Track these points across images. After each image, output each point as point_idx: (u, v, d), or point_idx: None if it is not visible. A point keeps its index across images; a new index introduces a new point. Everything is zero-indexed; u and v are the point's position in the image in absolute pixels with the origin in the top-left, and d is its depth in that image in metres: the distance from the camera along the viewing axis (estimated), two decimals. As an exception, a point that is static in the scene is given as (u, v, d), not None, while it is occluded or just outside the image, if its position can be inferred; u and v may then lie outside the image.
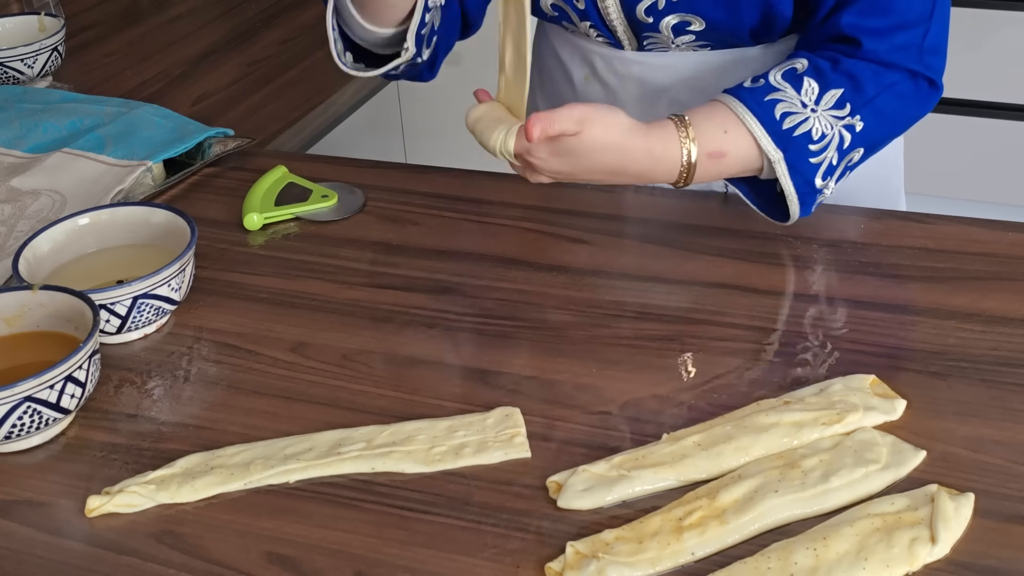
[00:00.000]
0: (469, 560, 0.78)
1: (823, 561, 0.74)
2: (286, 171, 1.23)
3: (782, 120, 0.99)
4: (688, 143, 0.99)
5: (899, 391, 0.89)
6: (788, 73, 1.01)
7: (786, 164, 1.00)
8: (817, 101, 1.00)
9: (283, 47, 1.72)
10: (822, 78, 1.00)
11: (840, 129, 1.00)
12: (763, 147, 0.99)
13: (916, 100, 1.04)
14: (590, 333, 0.98)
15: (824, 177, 1.01)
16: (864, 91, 1.01)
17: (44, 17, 1.58)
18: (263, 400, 0.94)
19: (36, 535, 0.83)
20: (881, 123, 1.02)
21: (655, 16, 1.08)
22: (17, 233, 1.16)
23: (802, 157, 1.00)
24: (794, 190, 1.01)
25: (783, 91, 1.00)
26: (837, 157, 1.01)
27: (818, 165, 1.00)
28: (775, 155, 0.99)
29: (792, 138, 0.99)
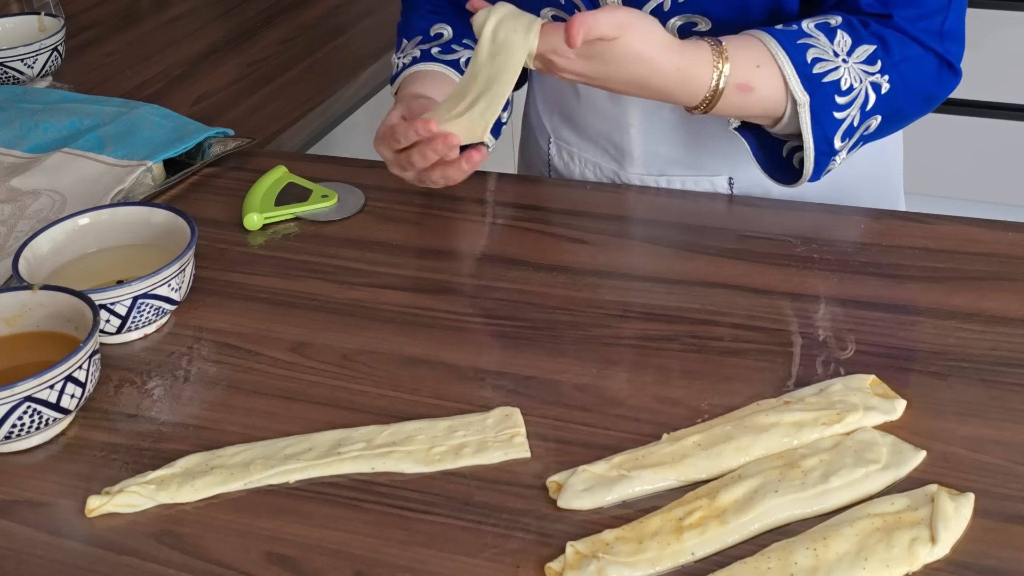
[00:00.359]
0: (469, 560, 0.78)
1: (823, 561, 0.74)
2: (286, 171, 1.23)
3: (813, 64, 0.99)
4: (721, 69, 0.98)
5: (899, 391, 0.89)
6: (822, 25, 1.01)
7: (810, 112, 0.99)
8: (849, 53, 1.00)
9: (283, 47, 1.72)
10: (855, 33, 1.01)
11: (867, 86, 1.00)
12: (791, 88, 0.98)
13: (937, 79, 1.04)
14: (590, 333, 0.98)
15: (844, 138, 1.00)
16: (892, 53, 1.01)
17: (44, 17, 1.58)
18: (263, 400, 0.94)
19: (36, 535, 0.83)
20: (904, 90, 1.02)
21: (661, 18, 1.07)
22: (17, 233, 1.16)
23: (827, 107, 0.99)
24: (812, 143, 1.00)
25: (816, 38, 1.00)
26: (859, 118, 1.00)
27: (840, 122, 1.00)
28: (802, 98, 0.98)
29: (821, 84, 0.98)
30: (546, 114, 1.31)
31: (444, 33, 1.16)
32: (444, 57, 1.14)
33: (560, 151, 1.30)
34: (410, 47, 1.17)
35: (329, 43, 1.73)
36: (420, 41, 1.16)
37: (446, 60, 1.14)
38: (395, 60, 1.19)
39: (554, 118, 1.30)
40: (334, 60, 1.67)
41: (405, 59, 1.16)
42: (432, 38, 1.16)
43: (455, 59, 1.14)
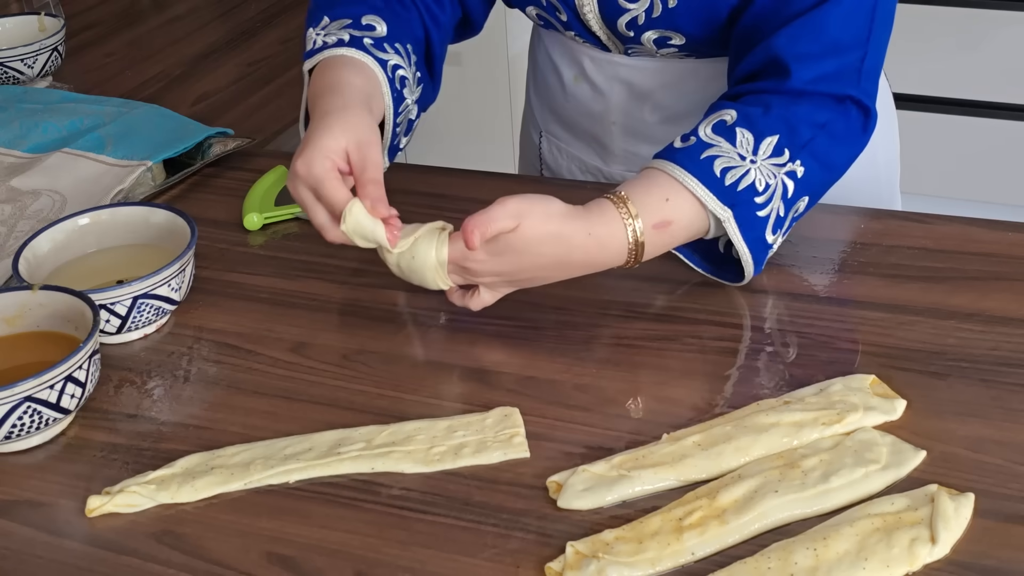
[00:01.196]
0: (469, 560, 0.78)
1: (823, 561, 0.74)
2: (286, 171, 1.23)
3: (723, 176, 0.94)
4: (631, 219, 0.93)
5: (899, 391, 0.89)
6: (718, 126, 0.96)
7: (736, 223, 0.94)
8: (755, 151, 0.95)
9: (283, 47, 1.72)
10: (754, 127, 0.95)
11: (783, 177, 0.95)
12: (709, 208, 0.93)
13: (850, 139, 1.00)
14: (590, 333, 0.98)
15: (774, 231, 0.97)
16: (799, 134, 0.96)
17: (44, 17, 1.58)
18: (263, 400, 0.94)
19: (36, 535, 0.83)
20: (820, 167, 0.98)
21: (636, 31, 1.09)
22: (17, 233, 1.16)
23: (750, 212, 0.95)
24: (747, 248, 0.96)
25: (718, 146, 0.95)
26: (783, 208, 0.96)
27: (767, 219, 0.96)
28: (724, 213, 0.94)
29: (737, 193, 0.94)
30: (539, 110, 1.32)
31: (377, 27, 1.07)
32: (377, 53, 1.05)
33: (550, 145, 1.32)
34: (335, 28, 1.06)
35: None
36: (349, 25, 1.06)
37: (378, 57, 1.04)
38: (313, 35, 1.07)
39: (545, 113, 1.31)
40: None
41: (328, 38, 1.05)
42: (363, 27, 1.07)
43: (385, 59, 1.05)
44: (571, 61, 1.22)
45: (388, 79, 1.05)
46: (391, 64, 1.06)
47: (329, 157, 0.93)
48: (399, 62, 1.07)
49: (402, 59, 1.07)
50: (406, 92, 1.08)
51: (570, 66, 1.22)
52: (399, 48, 1.08)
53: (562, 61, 1.23)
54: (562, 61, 1.23)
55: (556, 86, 1.26)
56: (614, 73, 1.18)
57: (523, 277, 0.94)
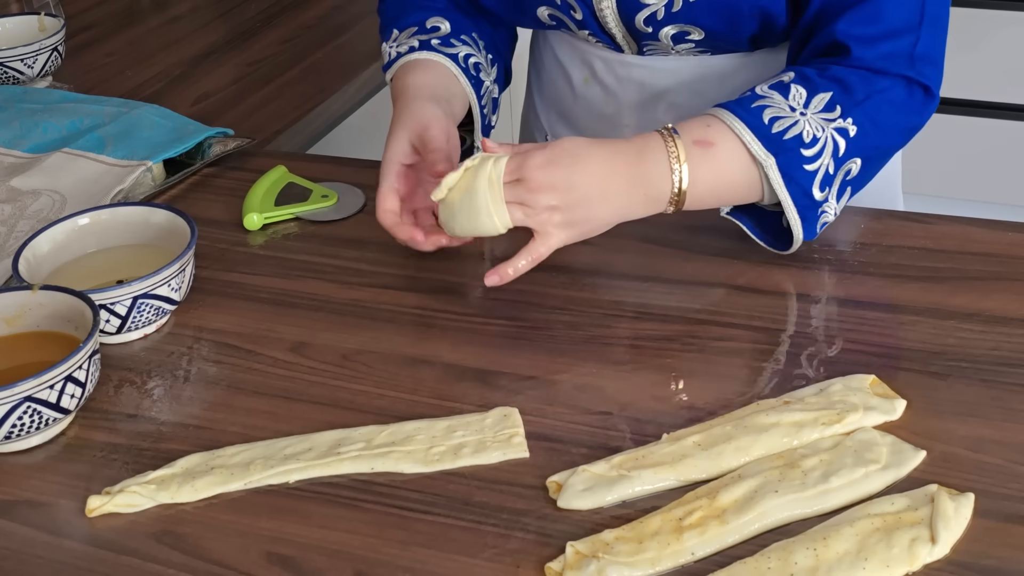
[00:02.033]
0: (469, 560, 0.78)
1: (823, 561, 0.74)
2: (286, 171, 1.23)
3: (771, 124, 0.97)
4: (668, 131, 0.97)
5: (899, 391, 0.89)
6: (775, 84, 1.00)
7: (779, 171, 0.97)
8: (806, 104, 0.98)
9: (283, 47, 1.72)
10: (809, 83, 0.99)
11: (832, 132, 0.98)
12: (753, 151, 0.96)
13: (910, 108, 1.02)
14: (590, 333, 0.98)
15: (822, 187, 0.98)
16: (854, 94, 0.99)
17: (44, 17, 1.58)
18: (263, 400, 0.94)
19: (36, 535, 0.83)
20: (875, 129, 0.99)
21: (654, 26, 1.08)
22: (17, 233, 1.16)
23: (795, 163, 0.97)
24: (791, 201, 0.97)
25: (770, 98, 0.98)
26: (833, 165, 0.98)
27: (814, 173, 0.97)
28: (766, 159, 0.96)
29: (782, 141, 0.97)
30: (543, 112, 1.32)
31: (441, 27, 1.15)
32: (445, 50, 1.13)
33: None
34: (404, 37, 1.15)
35: (329, 43, 1.73)
36: (416, 32, 1.15)
37: (447, 53, 1.13)
38: (387, 48, 1.16)
39: (551, 116, 1.30)
40: (334, 60, 1.67)
41: (401, 48, 1.14)
42: (429, 30, 1.15)
43: (455, 53, 1.13)
44: (581, 63, 1.21)
45: (462, 68, 1.12)
46: (461, 55, 1.13)
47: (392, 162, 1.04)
48: (469, 51, 1.14)
49: (471, 47, 1.15)
50: (482, 76, 1.14)
51: (580, 68, 1.22)
52: (466, 39, 1.15)
53: (571, 63, 1.23)
54: (571, 63, 1.23)
55: (564, 88, 1.25)
56: (627, 74, 1.17)
57: (576, 196, 0.94)
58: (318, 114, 1.53)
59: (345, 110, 1.60)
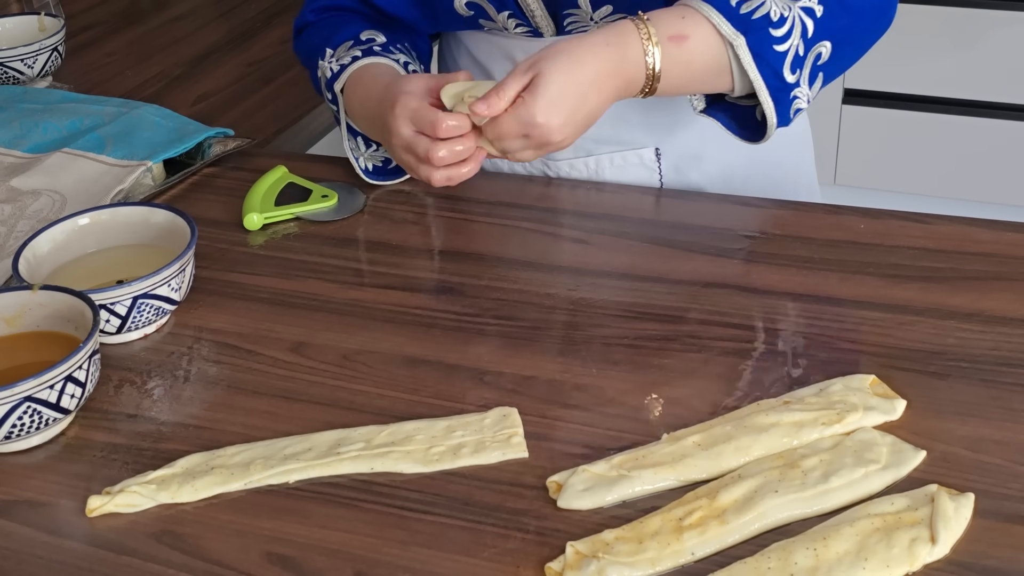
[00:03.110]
0: (469, 560, 0.78)
1: (823, 561, 0.74)
2: (286, 171, 1.23)
3: (738, 6, 0.98)
4: (645, 25, 0.98)
5: (899, 391, 0.89)
6: None
7: (749, 50, 0.98)
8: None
9: (283, 47, 1.72)
10: None
11: (799, 12, 0.99)
12: (723, 32, 0.98)
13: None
14: (590, 333, 0.98)
15: (793, 69, 0.99)
16: None
17: (44, 17, 1.58)
18: (263, 400, 0.94)
19: (36, 535, 0.83)
20: (842, 9, 1.00)
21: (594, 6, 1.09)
22: (17, 233, 1.16)
23: (765, 42, 0.98)
24: (762, 80, 0.99)
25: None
26: (803, 47, 0.99)
27: (784, 54, 0.98)
28: (735, 38, 0.98)
29: (751, 20, 0.98)
30: None
31: (376, 38, 1.15)
32: (388, 56, 1.13)
33: None
34: (342, 51, 1.15)
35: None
36: (353, 44, 1.14)
37: (392, 58, 1.13)
38: (325, 65, 1.16)
39: None
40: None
41: (343, 60, 1.14)
42: (365, 42, 1.15)
43: (396, 59, 1.13)
44: (502, 56, 1.21)
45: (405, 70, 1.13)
46: (402, 62, 1.14)
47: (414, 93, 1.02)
48: (407, 59, 1.15)
49: (408, 56, 1.16)
50: None
51: (501, 62, 1.21)
52: (402, 47, 1.16)
53: (490, 60, 1.22)
54: (490, 60, 1.22)
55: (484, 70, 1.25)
56: None
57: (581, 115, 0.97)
58: (318, 114, 1.53)
59: (345, 110, 1.60)
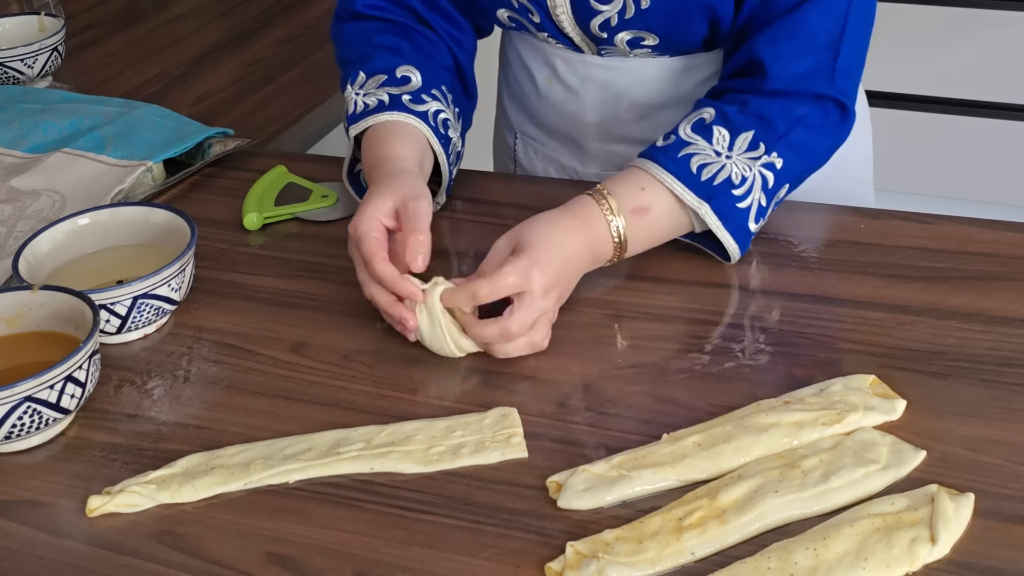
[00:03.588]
0: (469, 560, 0.78)
1: (823, 561, 0.74)
2: (286, 171, 1.23)
3: (699, 172, 0.99)
4: (607, 201, 0.98)
5: (899, 391, 0.89)
6: (697, 125, 1.01)
7: (715, 214, 1.00)
8: (730, 147, 1.00)
9: (283, 47, 1.72)
10: (730, 124, 1.01)
11: (759, 170, 1.00)
12: (686, 202, 0.99)
13: (828, 130, 1.04)
14: (590, 333, 0.98)
15: (756, 220, 1.02)
16: (775, 127, 1.01)
17: (44, 17, 1.58)
18: (263, 400, 0.94)
19: (36, 535, 0.83)
20: (799, 157, 1.02)
21: (609, 32, 1.10)
22: (17, 233, 1.16)
23: (729, 203, 1.00)
24: (731, 237, 1.01)
25: (695, 144, 1.00)
26: (765, 198, 1.01)
27: (747, 210, 1.01)
28: (701, 207, 0.99)
29: (714, 187, 0.99)
30: (511, 110, 1.33)
31: (412, 78, 1.12)
32: (415, 107, 1.10)
33: (525, 147, 1.32)
34: (372, 86, 1.11)
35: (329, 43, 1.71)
36: (385, 82, 1.11)
37: (418, 112, 1.09)
38: (352, 95, 1.12)
39: (519, 115, 1.32)
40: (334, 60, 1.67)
41: (368, 100, 1.11)
42: (399, 81, 1.12)
43: (425, 110, 1.09)
44: (543, 63, 1.22)
45: (432, 128, 1.10)
46: (431, 112, 1.11)
47: (375, 217, 0.98)
48: (439, 107, 1.12)
49: (441, 103, 1.13)
50: (451, 132, 1.13)
51: (542, 68, 1.22)
52: (436, 94, 1.13)
53: (534, 63, 1.23)
54: (534, 63, 1.23)
55: (529, 88, 1.26)
56: (587, 73, 1.18)
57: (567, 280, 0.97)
58: (318, 114, 1.53)
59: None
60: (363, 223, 0.97)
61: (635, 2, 1.06)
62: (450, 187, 1.16)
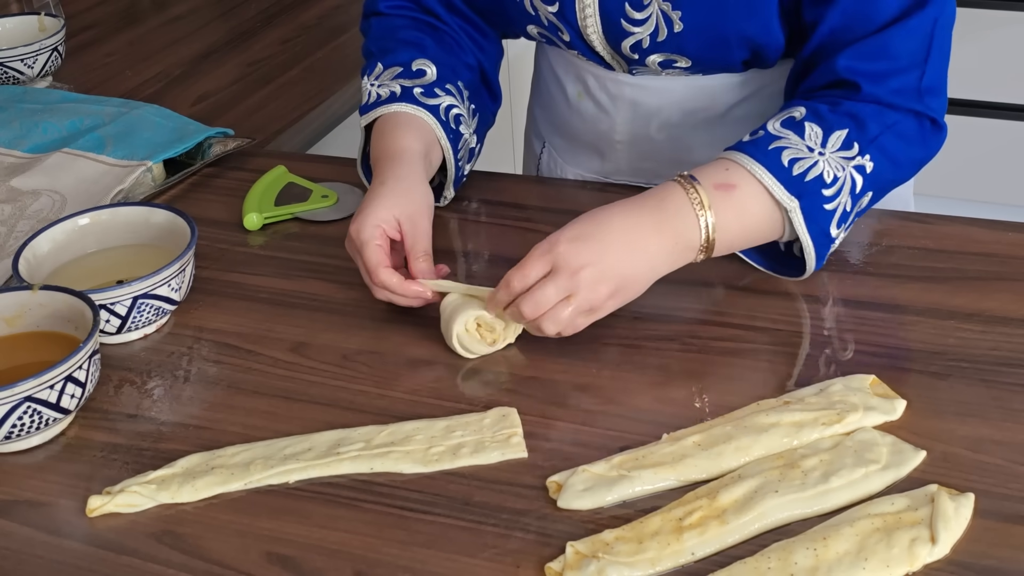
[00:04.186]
0: (469, 560, 0.78)
1: (823, 561, 0.74)
2: (286, 171, 1.23)
3: (791, 166, 0.94)
4: (687, 179, 0.94)
5: (899, 391, 0.89)
6: (787, 121, 0.97)
7: (802, 214, 0.94)
8: (823, 144, 0.95)
9: (283, 47, 1.72)
10: (823, 121, 0.96)
11: (851, 171, 0.96)
12: (777, 197, 0.93)
13: (920, 141, 1.00)
14: (590, 333, 0.98)
15: (838, 225, 0.97)
16: (868, 129, 0.97)
17: (44, 17, 1.58)
18: (263, 400, 0.94)
19: (36, 535, 0.83)
20: (890, 163, 0.98)
21: (640, 53, 1.08)
22: (17, 233, 1.16)
23: (817, 204, 0.95)
24: (811, 241, 0.95)
25: (786, 138, 0.95)
26: (850, 203, 0.97)
27: (832, 212, 0.96)
28: (790, 203, 0.93)
29: (805, 183, 0.94)
30: (541, 121, 1.32)
31: (427, 71, 1.12)
32: (427, 100, 1.10)
33: (551, 157, 1.31)
34: (387, 77, 1.12)
35: (329, 43, 1.73)
36: (400, 74, 1.12)
37: (428, 105, 1.09)
38: (367, 85, 1.13)
39: (547, 126, 1.31)
40: (334, 60, 1.67)
41: (381, 90, 1.11)
42: (414, 74, 1.12)
43: (436, 104, 1.10)
44: (575, 78, 1.21)
45: (442, 122, 1.10)
46: (443, 106, 1.11)
47: (379, 226, 0.99)
48: (452, 101, 1.12)
49: (455, 98, 1.12)
50: (462, 128, 1.12)
51: (574, 82, 1.21)
52: (450, 88, 1.12)
53: (566, 76, 1.22)
54: (566, 76, 1.22)
55: (560, 100, 1.25)
56: (618, 91, 1.17)
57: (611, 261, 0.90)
58: (318, 114, 1.53)
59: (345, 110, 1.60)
60: (365, 231, 0.98)
61: (668, 24, 1.03)
62: (459, 182, 1.15)
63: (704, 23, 1.03)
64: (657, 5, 1.03)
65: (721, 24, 1.03)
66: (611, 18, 1.06)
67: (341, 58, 1.68)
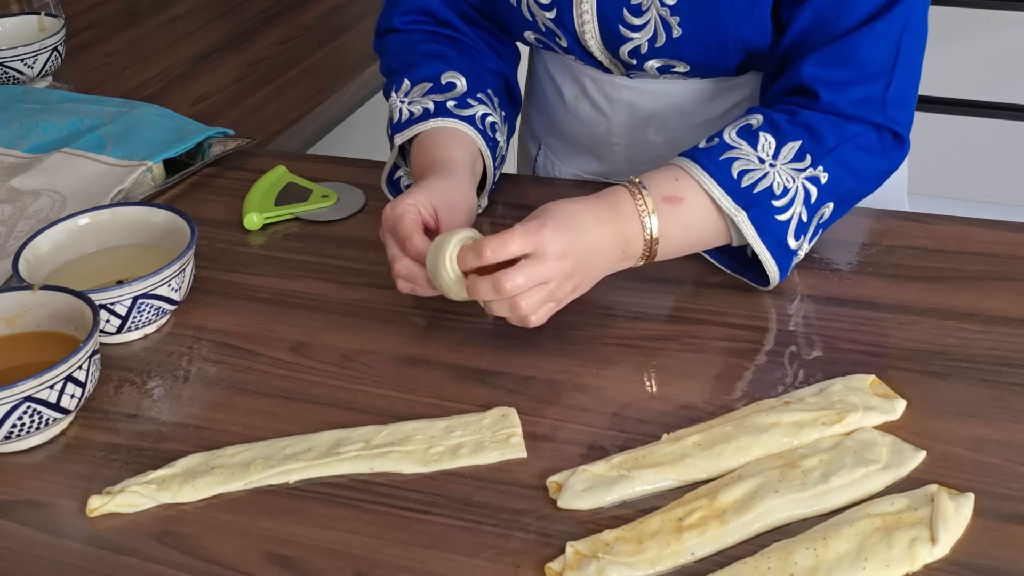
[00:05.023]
0: (469, 560, 0.78)
1: (823, 561, 0.74)
2: (286, 171, 1.23)
3: (740, 178, 0.95)
4: (637, 187, 0.94)
5: (899, 391, 0.89)
6: (743, 130, 0.97)
7: (751, 223, 0.95)
8: (775, 155, 0.96)
9: (283, 47, 1.72)
10: (778, 132, 0.96)
11: (803, 182, 0.96)
12: (723, 207, 0.95)
13: (881, 153, 1.00)
14: (590, 333, 0.98)
15: (797, 236, 0.97)
16: (824, 141, 0.97)
17: (44, 17, 1.58)
18: (263, 400, 0.94)
19: (36, 535, 0.83)
20: (848, 174, 0.98)
21: (638, 59, 1.08)
22: (17, 233, 1.16)
23: (767, 214, 0.95)
24: (767, 251, 0.96)
25: (739, 148, 0.96)
26: (807, 213, 0.97)
27: (787, 223, 0.96)
28: (738, 215, 0.94)
29: (753, 195, 0.95)
30: (537, 122, 1.32)
31: (457, 84, 1.11)
32: (462, 112, 1.08)
33: (547, 159, 1.31)
34: (417, 94, 1.10)
35: (329, 43, 1.73)
36: (431, 89, 1.10)
37: (464, 116, 1.08)
38: (398, 103, 1.11)
39: (543, 128, 1.31)
40: (334, 60, 1.67)
41: (414, 108, 1.09)
42: (444, 88, 1.10)
43: (472, 114, 1.09)
44: (572, 81, 1.21)
45: (480, 131, 1.09)
46: (479, 115, 1.10)
47: (415, 205, 0.96)
48: (486, 110, 1.11)
49: (487, 106, 1.12)
50: (498, 136, 1.12)
51: (571, 86, 1.21)
52: (481, 97, 1.12)
53: (563, 79, 1.22)
54: (563, 79, 1.22)
55: (557, 103, 1.25)
56: (616, 95, 1.17)
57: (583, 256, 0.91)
58: (318, 114, 1.53)
59: (345, 110, 1.60)
60: (400, 206, 0.96)
61: (666, 30, 1.03)
62: (492, 190, 1.15)
63: (703, 28, 1.03)
64: (655, 11, 1.03)
65: (719, 29, 1.03)
66: (609, 24, 1.06)
67: (341, 58, 1.68)
